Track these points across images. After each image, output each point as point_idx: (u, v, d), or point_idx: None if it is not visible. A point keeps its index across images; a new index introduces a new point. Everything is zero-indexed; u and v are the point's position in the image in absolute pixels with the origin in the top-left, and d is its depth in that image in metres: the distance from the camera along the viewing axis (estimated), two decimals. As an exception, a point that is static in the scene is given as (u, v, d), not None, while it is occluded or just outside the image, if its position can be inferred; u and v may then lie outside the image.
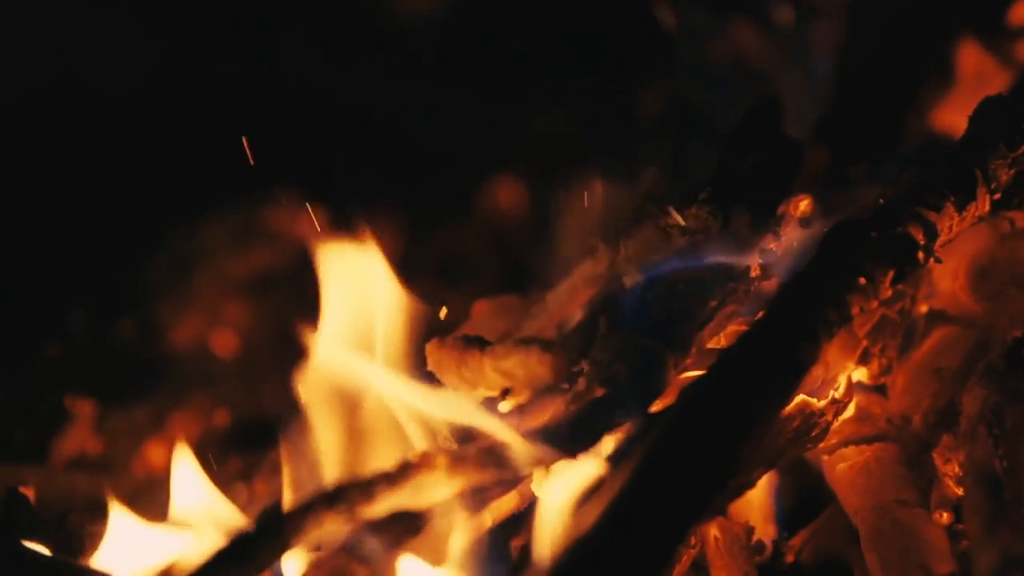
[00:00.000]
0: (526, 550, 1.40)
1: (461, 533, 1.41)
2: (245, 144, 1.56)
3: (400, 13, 2.98)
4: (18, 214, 2.66)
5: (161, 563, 1.52)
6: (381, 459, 1.45)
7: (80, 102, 2.78)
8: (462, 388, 1.50)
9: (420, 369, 1.51)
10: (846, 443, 1.62)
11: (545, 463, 1.36)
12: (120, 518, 1.57)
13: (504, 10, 2.97)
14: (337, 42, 2.97)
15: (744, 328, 1.52)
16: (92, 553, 1.57)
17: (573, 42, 2.91)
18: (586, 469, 1.34)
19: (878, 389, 1.70)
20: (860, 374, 1.67)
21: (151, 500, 1.61)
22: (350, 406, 1.49)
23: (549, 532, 1.32)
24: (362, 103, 2.90)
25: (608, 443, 1.39)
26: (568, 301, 1.79)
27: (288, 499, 1.50)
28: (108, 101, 2.79)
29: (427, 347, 1.52)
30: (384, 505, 1.30)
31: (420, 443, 1.45)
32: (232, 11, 2.88)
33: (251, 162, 1.64)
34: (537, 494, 1.39)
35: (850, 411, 1.64)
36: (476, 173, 2.85)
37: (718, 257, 1.57)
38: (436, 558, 1.41)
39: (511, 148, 2.81)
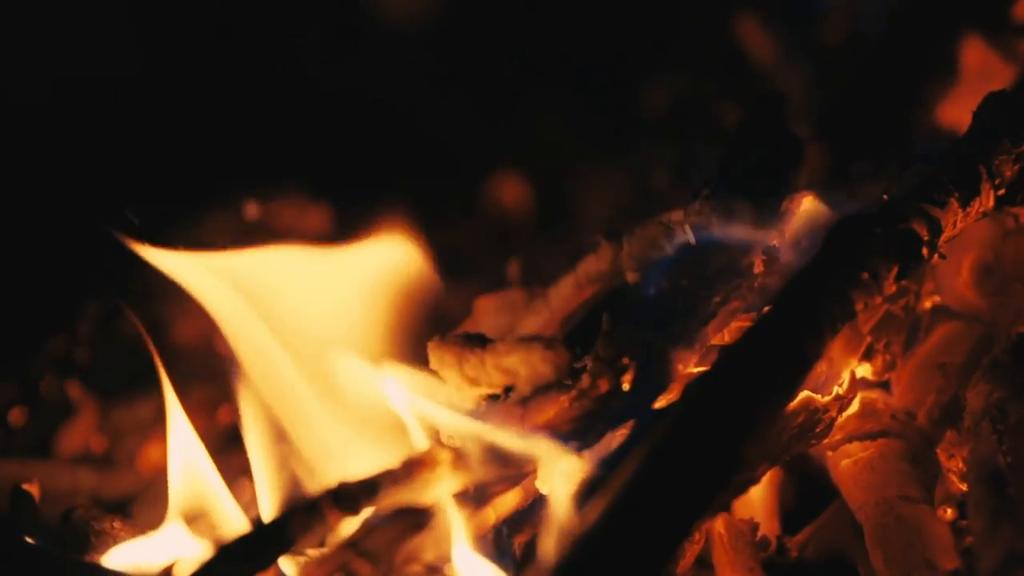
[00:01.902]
0: (530, 546, 1.40)
1: (465, 530, 1.41)
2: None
3: (403, 11, 2.98)
4: (22, 210, 2.66)
5: (165, 560, 1.52)
6: (385, 456, 1.45)
7: (85, 97, 2.78)
8: (464, 386, 1.50)
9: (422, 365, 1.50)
10: (850, 439, 1.62)
11: (549, 460, 1.36)
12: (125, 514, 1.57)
13: (507, 8, 2.97)
14: (339, 41, 2.97)
15: (748, 324, 1.52)
16: (96, 549, 1.57)
17: (576, 40, 2.91)
18: (590, 466, 1.34)
19: (882, 385, 1.70)
20: (864, 370, 1.67)
21: (155, 497, 1.61)
22: (354, 402, 1.49)
23: (553, 528, 1.31)
24: (364, 101, 2.90)
25: (612, 439, 1.39)
26: (571, 297, 1.79)
27: (291, 497, 1.50)
28: (113, 97, 2.79)
29: (428, 345, 1.52)
30: (388, 502, 1.31)
31: (423, 440, 1.45)
32: (239, 8, 2.89)
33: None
34: (541, 491, 1.39)
35: (854, 407, 1.64)
36: (479, 169, 2.85)
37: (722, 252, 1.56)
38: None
39: (514, 144, 2.81)
